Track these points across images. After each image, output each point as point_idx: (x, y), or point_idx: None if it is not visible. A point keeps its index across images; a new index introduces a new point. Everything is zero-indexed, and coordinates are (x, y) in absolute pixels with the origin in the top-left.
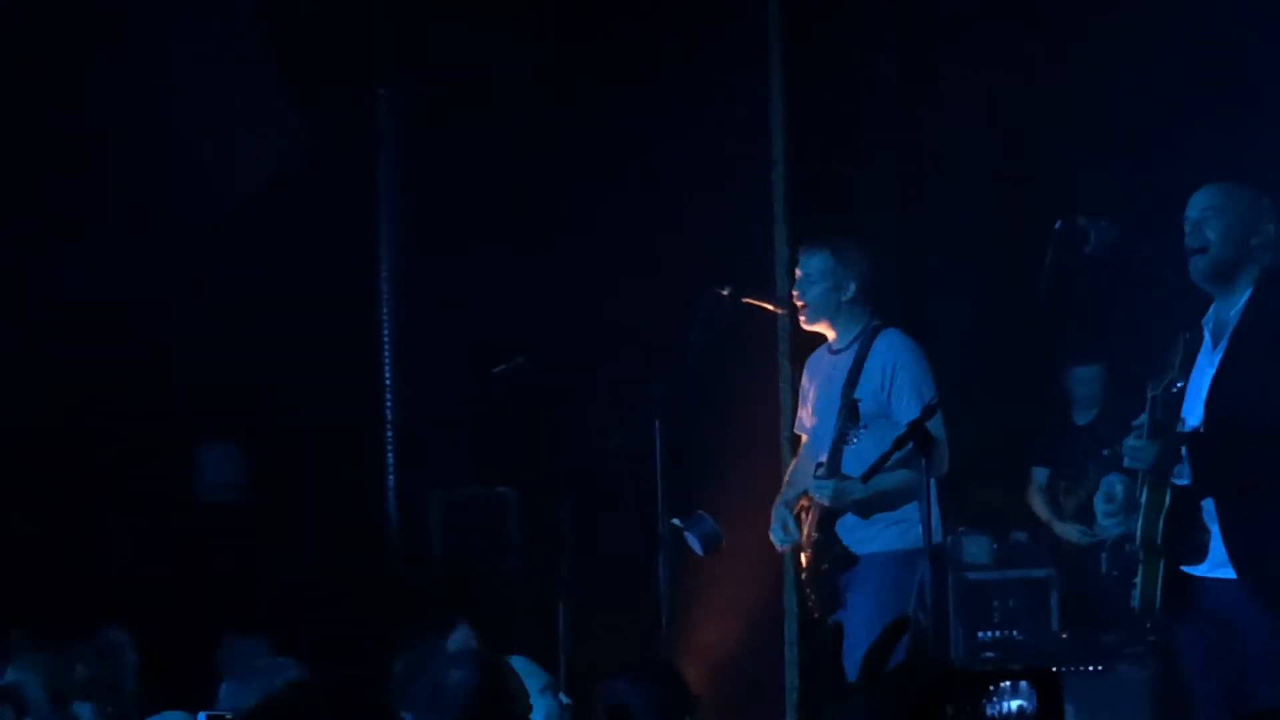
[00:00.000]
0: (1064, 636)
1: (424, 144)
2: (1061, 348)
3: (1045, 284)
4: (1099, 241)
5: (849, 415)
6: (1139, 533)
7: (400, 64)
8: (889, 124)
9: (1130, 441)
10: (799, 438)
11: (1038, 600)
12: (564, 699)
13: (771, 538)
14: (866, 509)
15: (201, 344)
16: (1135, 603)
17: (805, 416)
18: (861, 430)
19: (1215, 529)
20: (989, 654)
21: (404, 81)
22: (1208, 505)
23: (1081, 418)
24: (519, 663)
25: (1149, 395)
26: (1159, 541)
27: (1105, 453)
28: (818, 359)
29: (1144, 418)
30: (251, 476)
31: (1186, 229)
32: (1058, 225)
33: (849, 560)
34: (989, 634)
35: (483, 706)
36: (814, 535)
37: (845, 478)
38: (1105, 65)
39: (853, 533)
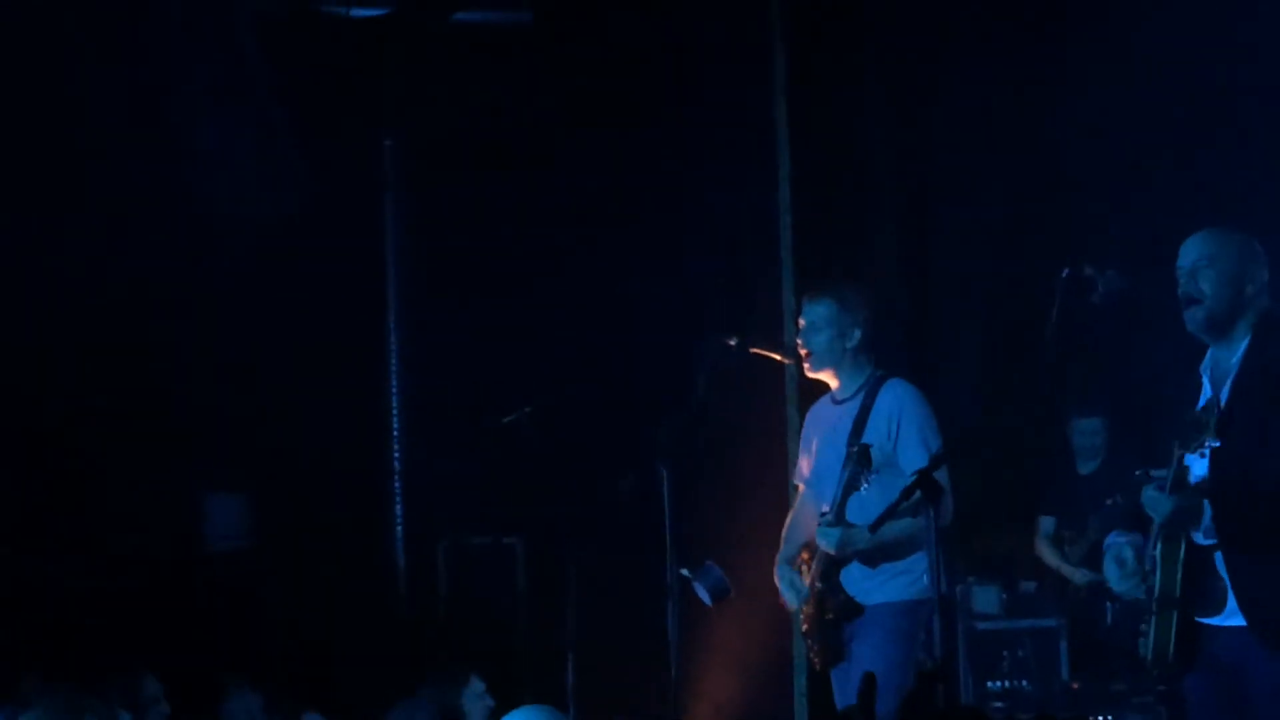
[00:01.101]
0: (1074, 686)
1: (430, 193)
2: (1065, 397)
3: (1051, 333)
4: (1106, 291)
5: (861, 460)
6: (1158, 586)
7: (407, 114)
8: (895, 173)
9: (1150, 493)
10: (797, 488)
11: (1047, 650)
12: None
13: (784, 600)
14: (872, 559)
15: (209, 392)
16: (1147, 654)
17: (805, 467)
18: (873, 475)
19: (1228, 578)
20: (998, 704)
21: (410, 130)
22: (1219, 556)
23: (1085, 467)
24: (538, 713)
25: (1176, 452)
26: (1178, 594)
27: (1108, 503)
28: (820, 409)
29: (1167, 473)
30: (259, 526)
31: (1180, 278)
32: (1064, 274)
33: (854, 610)
34: (999, 684)
35: None
36: (818, 585)
37: (851, 525)
38: (1115, 109)
39: (859, 583)
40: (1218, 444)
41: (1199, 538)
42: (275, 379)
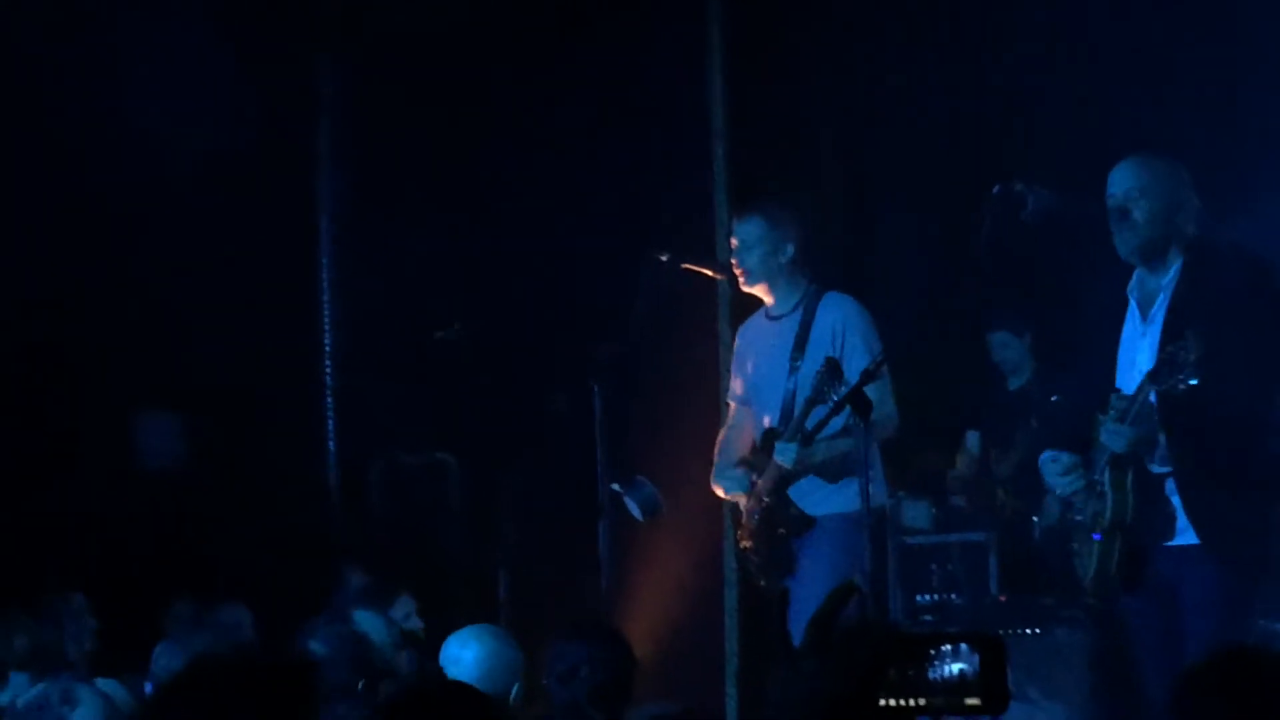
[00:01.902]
0: (1002, 600)
1: (365, 110)
2: (994, 313)
3: (981, 249)
4: (1036, 207)
5: (831, 375)
6: (1109, 512)
7: (341, 31)
8: (831, 89)
9: (1108, 425)
10: (729, 405)
11: (976, 564)
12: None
13: (722, 492)
14: (829, 473)
15: (141, 311)
16: (1086, 576)
17: (738, 385)
18: (844, 387)
19: (1177, 500)
20: (928, 617)
21: (344, 48)
22: (1169, 482)
23: (1013, 383)
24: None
25: (1146, 385)
26: (1129, 519)
27: (1034, 423)
28: (754, 326)
29: (1127, 404)
30: (191, 445)
31: (1111, 205)
32: (995, 190)
33: (806, 523)
34: (928, 597)
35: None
36: (766, 500)
37: (812, 440)
38: (1050, 28)
39: (806, 495)
40: (1195, 382)
41: (1153, 466)
42: (207, 298)
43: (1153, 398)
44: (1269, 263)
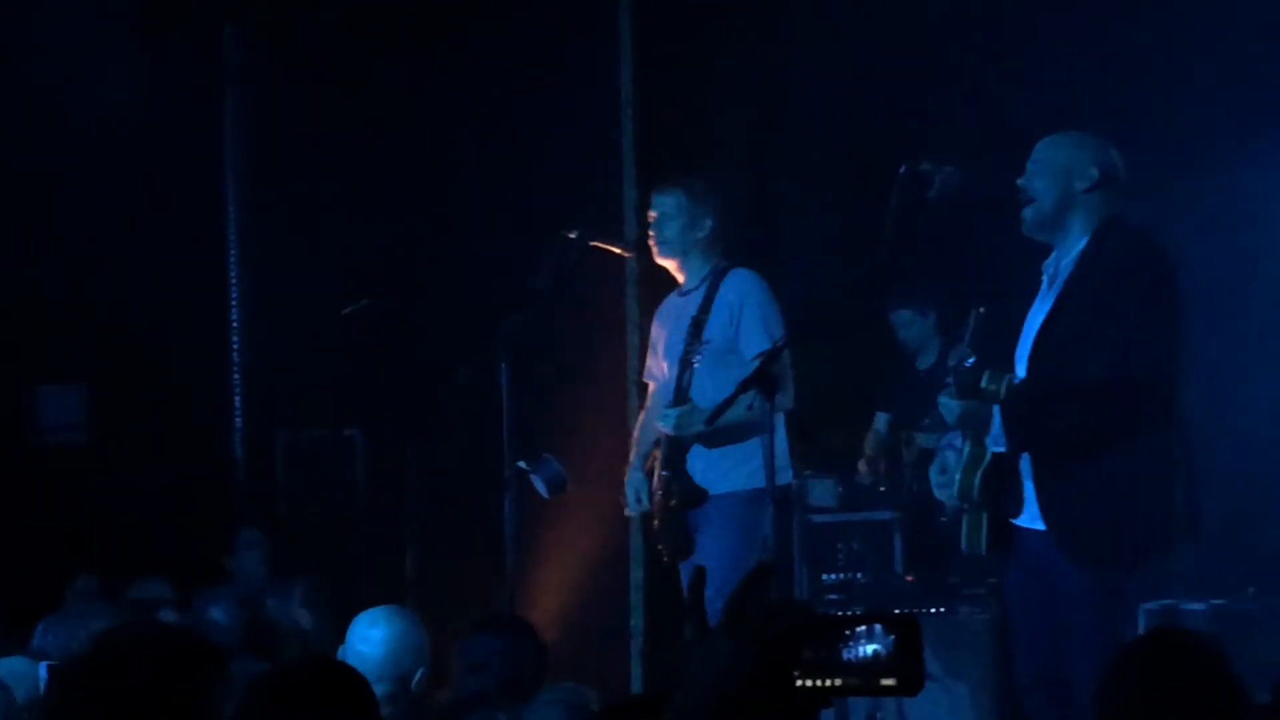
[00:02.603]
0: (907, 579)
1: (272, 82)
2: (896, 292)
3: (888, 229)
4: (943, 186)
5: (693, 335)
6: (957, 486)
7: (248, 3)
8: (739, 67)
9: (942, 399)
10: (647, 385)
11: (882, 543)
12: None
13: (623, 502)
14: (713, 440)
15: (43, 282)
16: (963, 546)
17: (654, 365)
18: (705, 346)
19: (1029, 483)
20: (833, 596)
21: (251, 18)
22: (1024, 459)
23: (921, 362)
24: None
25: (950, 365)
26: (975, 496)
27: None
28: (668, 305)
29: (950, 379)
30: (95, 417)
31: (1021, 184)
32: (902, 170)
33: (697, 496)
34: (834, 576)
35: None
36: (663, 473)
37: (691, 406)
38: (960, 6)
39: (703, 472)
40: (973, 359)
41: (989, 443)
42: (112, 269)
43: (1024, 367)
44: (1161, 249)
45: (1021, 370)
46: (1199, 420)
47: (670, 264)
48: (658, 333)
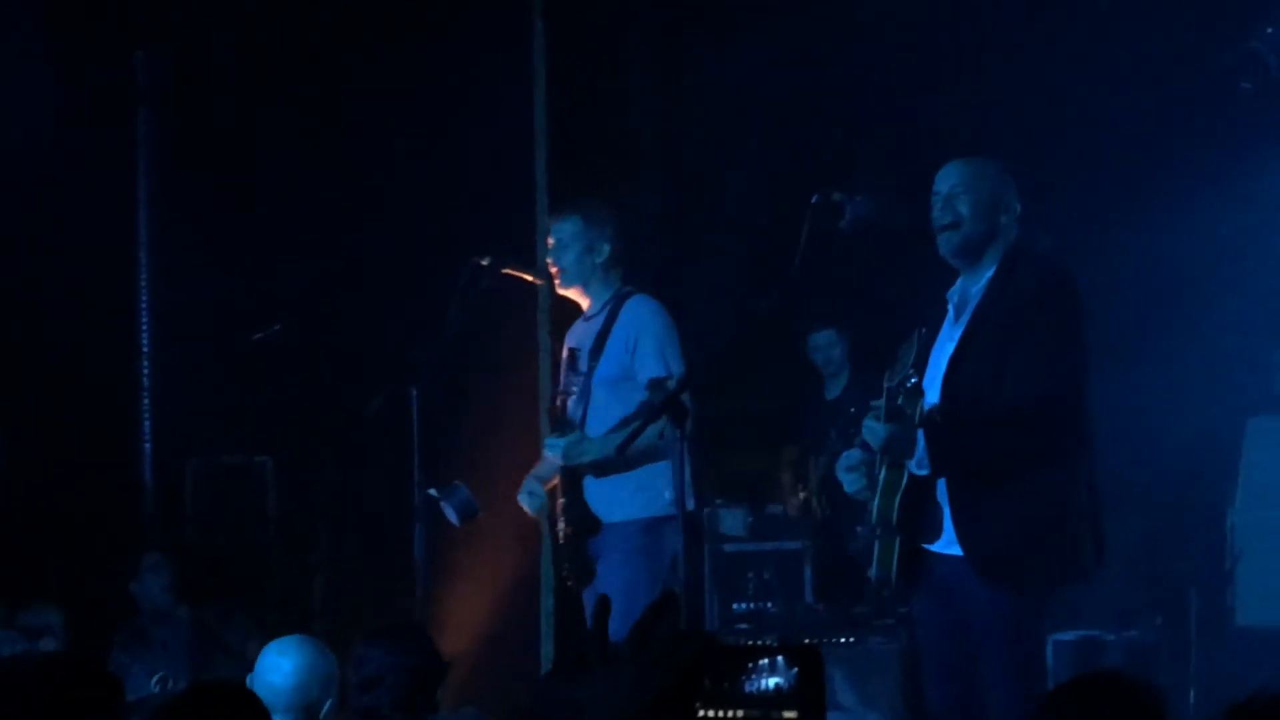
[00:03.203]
0: (818, 608)
1: (183, 105)
2: (816, 312)
3: (798, 258)
4: (854, 216)
5: (570, 366)
6: (875, 511)
7: (159, 25)
8: (650, 96)
9: (868, 422)
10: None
11: (792, 572)
12: None
13: (521, 504)
14: (604, 469)
15: None
16: (872, 574)
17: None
18: (593, 375)
19: (947, 508)
20: (743, 625)
21: (163, 42)
22: (940, 484)
23: (831, 391)
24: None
25: (885, 386)
26: (894, 520)
27: (842, 425)
28: (574, 330)
29: (881, 402)
30: (3, 442)
31: (936, 204)
32: (813, 199)
33: (592, 524)
34: (744, 605)
35: None
36: (561, 500)
37: (578, 434)
38: (867, 35)
39: (600, 500)
40: (915, 379)
41: (912, 467)
42: (22, 294)
43: (935, 399)
44: (1069, 277)
45: (933, 397)
46: (1111, 450)
47: (572, 292)
48: (568, 354)
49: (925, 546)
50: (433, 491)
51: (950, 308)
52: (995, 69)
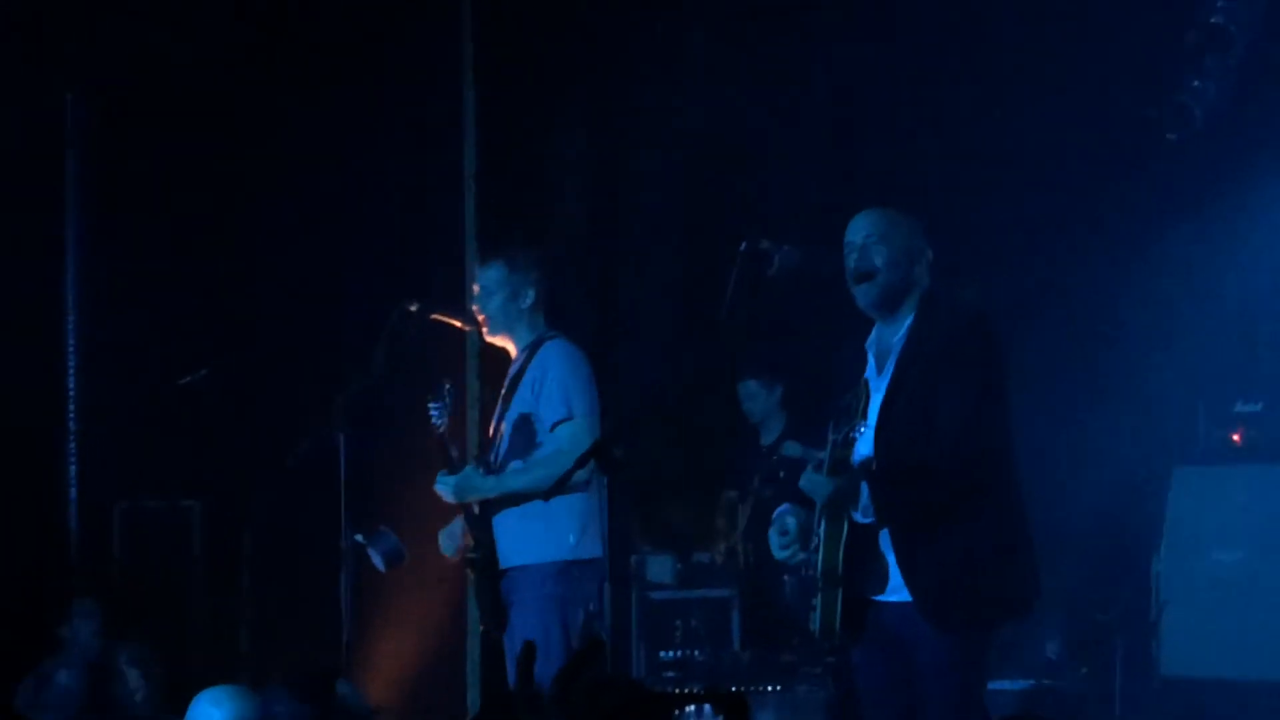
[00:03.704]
0: (745, 656)
1: (112, 149)
2: (743, 363)
3: (727, 306)
4: (782, 264)
5: (502, 405)
6: (820, 564)
7: (87, 69)
8: (581, 145)
9: (809, 475)
10: None
11: (719, 620)
12: None
13: (440, 541)
14: (511, 508)
15: None
16: (815, 628)
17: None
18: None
19: (892, 556)
20: (670, 673)
21: (92, 85)
22: (883, 534)
23: (765, 437)
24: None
25: (830, 438)
26: (839, 572)
27: (782, 475)
28: (507, 376)
29: (825, 455)
30: None
31: (849, 254)
32: (741, 248)
33: (488, 565)
34: (671, 653)
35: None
36: (467, 542)
37: (465, 471)
38: (800, 83)
39: (509, 541)
40: (864, 429)
41: (858, 517)
42: None
43: (867, 449)
44: (987, 321)
45: (865, 448)
46: (1038, 499)
47: (499, 340)
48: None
49: (871, 597)
50: (359, 537)
51: (870, 357)
52: (926, 120)
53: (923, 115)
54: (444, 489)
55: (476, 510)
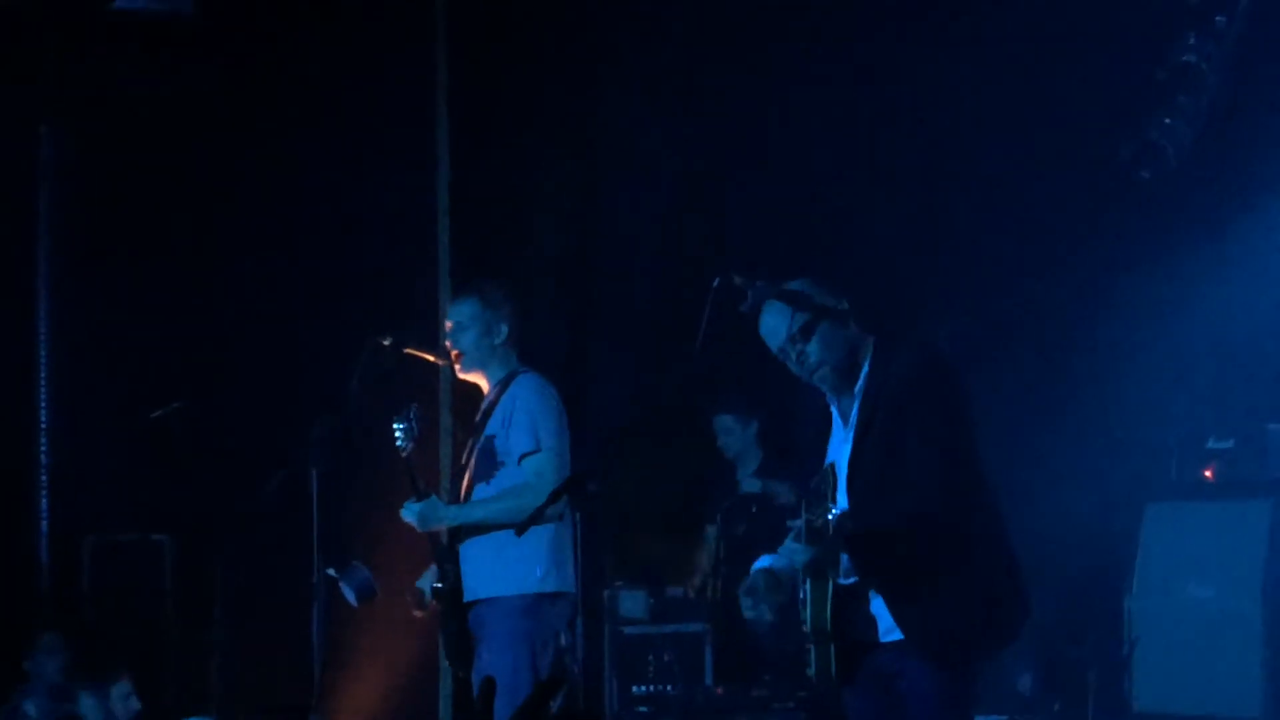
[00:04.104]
0: (718, 691)
1: (87, 182)
2: (720, 397)
3: (701, 341)
4: (755, 300)
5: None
6: (809, 621)
7: (60, 100)
8: (555, 181)
9: (789, 543)
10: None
11: (692, 655)
12: None
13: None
14: (480, 541)
15: None
16: (811, 674)
17: None
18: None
19: (880, 605)
20: (643, 708)
21: (66, 117)
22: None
23: (742, 472)
24: None
25: (804, 518)
26: (828, 629)
27: (754, 510)
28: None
29: (800, 524)
30: None
31: (786, 360)
32: (715, 284)
33: (453, 597)
34: (644, 688)
35: None
36: (435, 579)
37: (430, 499)
38: (775, 118)
39: (476, 573)
40: (836, 510)
41: (841, 580)
42: None
43: (843, 503)
44: (941, 355)
45: (842, 500)
46: (1011, 533)
47: (473, 376)
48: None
49: (864, 641)
50: (331, 571)
51: (834, 411)
52: (898, 156)
53: (895, 150)
54: (409, 516)
55: (444, 540)
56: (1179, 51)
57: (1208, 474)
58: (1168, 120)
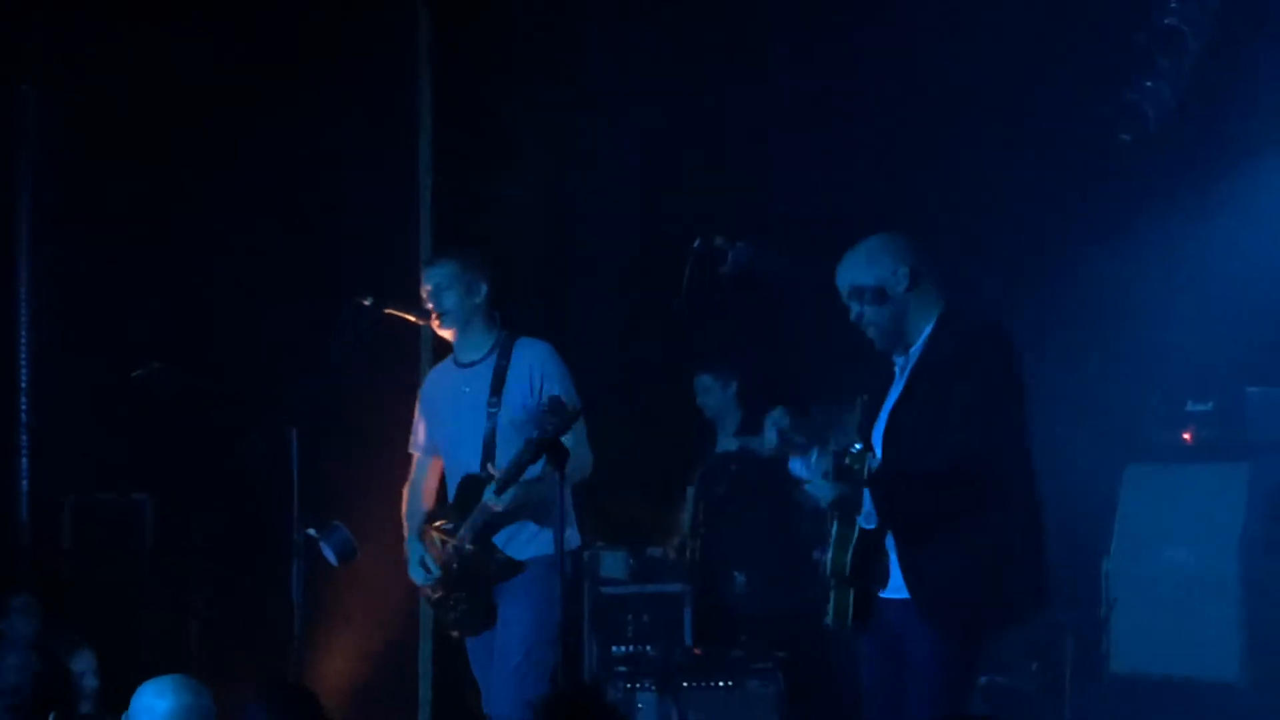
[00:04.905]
0: (696, 652)
1: (67, 143)
2: (700, 357)
3: (681, 301)
4: (735, 261)
5: (555, 412)
6: (829, 564)
7: (45, 62)
8: (535, 139)
9: (816, 481)
10: (412, 456)
11: (671, 615)
12: None
13: (413, 578)
14: (530, 514)
15: None
16: (828, 619)
17: (423, 434)
18: (501, 416)
19: (894, 556)
20: (622, 668)
21: (48, 79)
22: (888, 535)
23: (722, 431)
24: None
25: (831, 450)
26: (848, 573)
27: (733, 468)
28: (442, 375)
29: (830, 463)
30: None
31: (853, 318)
32: (695, 244)
33: (513, 568)
34: (623, 648)
35: None
36: (468, 548)
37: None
38: (760, 85)
39: (510, 540)
40: (860, 446)
41: (862, 521)
42: None
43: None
44: (999, 335)
45: (879, 452)
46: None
47: (450, 334)
48: (433, 402)
49: (878, 593)
50: (311, 531)
51: (896, 366)
52: (879, 127)
53: (876, 123)
54: (503, 503)
55: (498, 509)
56: (1161, 14)
57: (1187, 436)
58: (1149, 83)
